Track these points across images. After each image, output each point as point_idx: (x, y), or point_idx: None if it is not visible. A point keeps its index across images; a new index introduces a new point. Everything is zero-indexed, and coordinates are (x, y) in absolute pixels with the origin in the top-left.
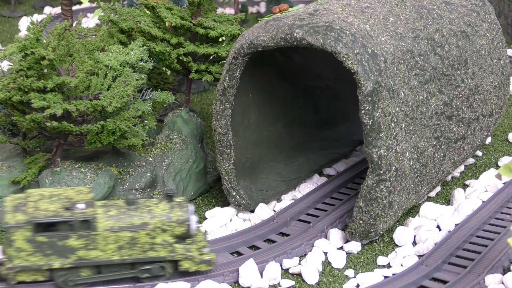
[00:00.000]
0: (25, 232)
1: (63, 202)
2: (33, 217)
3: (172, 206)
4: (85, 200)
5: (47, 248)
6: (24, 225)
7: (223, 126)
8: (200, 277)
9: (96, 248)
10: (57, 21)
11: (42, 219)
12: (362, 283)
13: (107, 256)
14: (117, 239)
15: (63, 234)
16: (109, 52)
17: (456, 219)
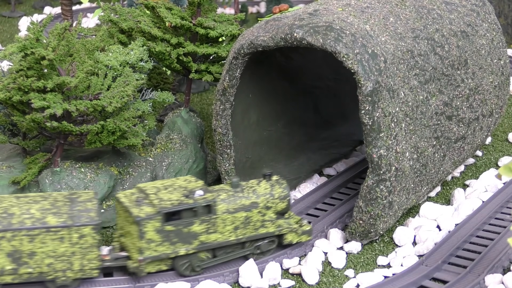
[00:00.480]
0: (155, 223)
1: (181, 191)
2: (162, 208)
3: (272, 185)
4: (197, 187)
5: (173, 236)
6: (154, 216)
7: (223, 126)
8: (200, 277)
9: (216, 231)
10: (57, 21)
11: (171, 208)
12: (362, 283)
13: (225, 237)
14: (233, 220)
15: (188, 221)
16: (109, 52)
17: (456, 219)
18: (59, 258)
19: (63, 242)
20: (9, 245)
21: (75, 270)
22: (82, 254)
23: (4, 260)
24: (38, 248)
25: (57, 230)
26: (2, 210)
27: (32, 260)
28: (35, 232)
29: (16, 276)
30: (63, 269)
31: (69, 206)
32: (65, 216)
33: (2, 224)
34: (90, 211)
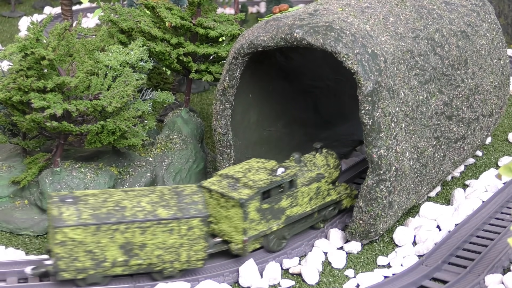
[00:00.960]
0: (256, 202)
1: (264, 171)
2: (259, 187)
3: (325, 156)
4: (274, 166)
5: (268, 214)
6: (254, 196)
7: (223, 126)
8: (200, 277)
9: (297, 204)
10: (57, 21)
11: (266, 187)
12: (362, 283)
13: (303, 209)
14: (309, 192)
15: (278, 197)
16: (109, 52)
17: (456, 219)
18: (168, 249)
19: (172, 234)
20: (122, 237)
21: (182, 261)
22: (190, 245)
23: (116, 252)
24: (149, 240)
25: (167, 222)
26: (114, 203)
27: (142, 252)
28: (147, 224)
29: (126, 267)
30: (171, 260)
31: (177, 199)
32: (175, 209)
33: (116, 216)
34: (197, 204)
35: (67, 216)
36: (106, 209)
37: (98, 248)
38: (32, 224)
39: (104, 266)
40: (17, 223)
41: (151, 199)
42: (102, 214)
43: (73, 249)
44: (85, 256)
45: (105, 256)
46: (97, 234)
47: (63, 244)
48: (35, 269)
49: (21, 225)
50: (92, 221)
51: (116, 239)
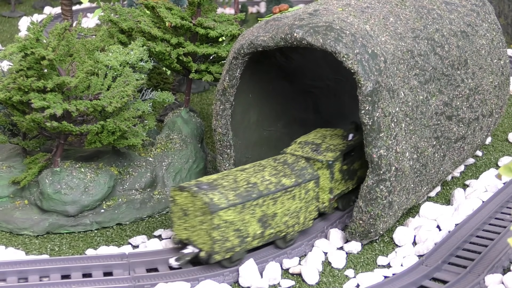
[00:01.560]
0: (339, 164)
1: (337, 137)
2: (341, 150)
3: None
4: (342, 133)
5: (346, 174)
6: (338, 158)
7: (223, 126)
8: (200, 277)
9: (363, 167)
10: (57, 21)
11: (346, 149)
12: (362, 283)
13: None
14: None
15: (352, 159)
16: (109, 52)
17: (456, 219)
18: (292, 214)
19: (294, 200)
20: (260, 211)
21: (300, 224)
22: (306, 207)
23: (256, 226)
24: (279, 209)
25: (291, 190)
26: (244, 182)
27: (273, 221)
28: (277, 194)
29: (261, 239)
30: (293, 225)
31: (289, 168)
32: (293, 176)
33: (254, 193)
34: (307, 168)
35: (218, 200)
36: (243, 188)
37: (243, 226)
38: (32, 224)
39: (247, 242)
40: (17, 223)
41: (270, 172)
42: (243, 193)
43: (225, 230)
44: (234, 235)
45: (247, 231)
46: (242, 212)
47: (218, 228)
48: (179, 260)
49: (21, 225)
50: (238, 200)
51: (256, 213)
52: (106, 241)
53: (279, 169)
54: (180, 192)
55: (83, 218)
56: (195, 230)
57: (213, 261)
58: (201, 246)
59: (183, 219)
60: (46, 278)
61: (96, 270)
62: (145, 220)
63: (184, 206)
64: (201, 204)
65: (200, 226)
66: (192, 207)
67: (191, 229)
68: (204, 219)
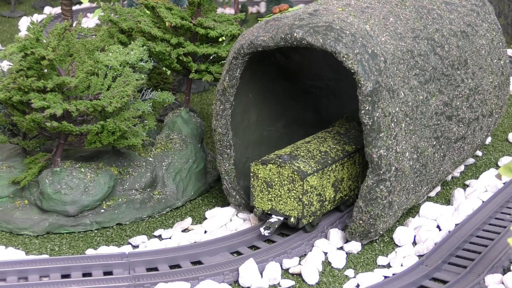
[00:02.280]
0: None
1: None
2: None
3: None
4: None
5: None
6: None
7: (223, 126)
8: (200, 276)
9: None
10: (57, 21)
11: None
12: (362, 283)
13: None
14: None
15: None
16: (109, 52)
17: (456, 219)
18: (354, 179)
19: (355, 165)
20: (333, 176)
21: (359, 187)
22: (358, 173)
23: (330, 190)
24: (345, 174)
25: (353, 155)
26: (317, 151)
27: (341, 186)
28: (344, 160)
29: (333, 203)
30: (353, 188)
31: (345, 136)
32: (352, 143)
33: (329, 159)
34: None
35: (304, 168)
36: (319, 156)
37: (322, 190)
38: (32, 224)
39: (325, 206)
40: (17, 223)
41: (333, 142)
42: (321, 160)
43: (311, 195)
44: (316, 199)
45: (325, 196)
46: (322, 178)
47: (307, 193)
48: (268, 229)
49: (21, 225)
50: (319, 167)
51: (331, 178)
52: (106, 241)
53: (338, 138)
54: (263, 166)
55: (83, 218)
56: (281, 200)
57: (301, 225)
58: (289, 213)
59: (267, 191)
60: (46, 277)
61: (96, 269)
62: (145, 220)
63: (267, 178)
64: (289, 172)
65: (288, 194)
66: (277, 178)
67: (277, 199)
68: (292, 186)
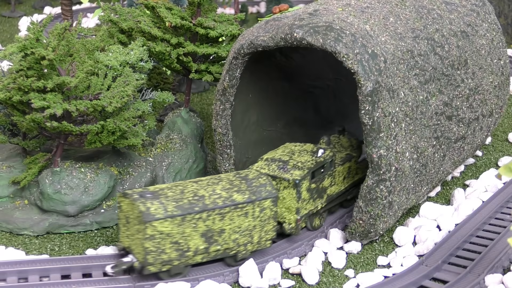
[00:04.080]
0: (307, 182)
1: (306, 153)
2: (309, 168)
3: (348, 138)
4: (314, 147)
5: (314, 193)
6: (306, 176)
7: (223, 126)
8: (200, 277)
9: (335, 183)
10: (57, 21)
11: (314, 167)
12: (362, 283)
13: (339, 188)
14: (343, 171)
15: (321, 177)
16: (109, 52)
17: (456, 219)
18: (243, 232)
19: (247, 217)
20: (204, 225)
21: (254, 243)
22: (261, 226)
23: (198, 241)
24: (227, 225)
25: (243, 206)
26: (191, 193)
27: (221, 238)
28: (225, 210)
29: (205, 255)
30: (245, 243)
31: (246, 183)
32: (248, 193)
33: (198, 206)
34: (266, 186)
35: (155, 210)
36: (187, 200)
37: (182, 239)
38: (32, 224)
39: (188, 256)
40: (17, 223)
41: (223, 186)
42: (185, 205)
43: (160, 242)
44: (171, 247)
45: (188, 245)
46: (182, 225)
47: (152, 238)
48: (115, 267)
49: (21, 225)
50: (178, 212)
51: (199, 227)
52: (106, 241)
53: (235, 184)
54: (124, 199)
55: (83, 218)
56: (134, 239)
57: (147, 273)
58: (137, 256)
59: (126, 227)
60: (46, 278)
61: (96, 270)
62: None
63: (126, 213)
64: (137, 212)
65: (137, 235)
66: (132, 215)
67: (132, 237)
68: (140, 228)
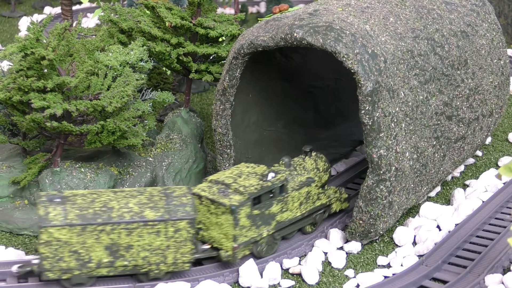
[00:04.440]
0: (246, 209)
1: (255, 176)
2: (251, 193)
3: (315, 159)
4: (265, 170)
5: (258, 219)
6: (245, 203)
7: (223, 126)
8: (200, 277)
9: (287, 209)
10: (57, 21)
11: (258, 192)
12: (362, 283)
13: (293, 214)
14: (299, 197)
15: (269, 203)
16: (109, 52)
17: (456, 219)
18: (154, 251)
19: (159, 236)
20: (108, 238)
21: (168, 264)
22: (176, 247)
23: (102, 253)
24: (135, 242)
25: (154, 224)
26: (101, 204)
27: (128, 253)
28: (133, 225)
29: (112, 268)
30: (157, 262)
31: (165, 201)
32: (162, 210)
33: (102, 217)
34: (185, 206)
35: (53, 216)
36: (93, 210)
37: (83, 249)
38: (32, 224)
39: (89, 267)
40: (17, 223)
41: (139, 200)
42: (89, 215)
43: (58, 249)
44: (70, 256)
45: (90, 257)
46: (82, 235)
47: (48, 244)
48: (21, 268)
49: (21, 225)
50: (78, 221)
51: (102, 240)
52: None
53: (154, 199)
54: (36, 200)
55: None
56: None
57: (46, 278)
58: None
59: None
60: None
61: None
62: None
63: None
64: (38, 217)
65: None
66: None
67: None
68: (39, 232)
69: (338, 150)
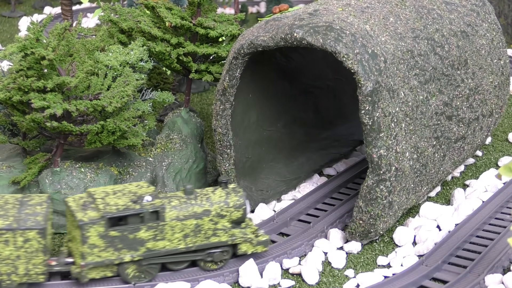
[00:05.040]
0: (99, 227)
1: (130, 197)
2: (106, 212)
3: (228, 193)
4: (147, 193)
5: (118, 242)
6: (98, 221)
7: (223, 126)
8: (200, 277)
9: (164, 238)
10: (57, 21)
11: (115, 213)
12: (362, 283)
13: (173, 245)
14: (183, 228)
15: (134, 226)
16: (109, 52)
17: (456, 219)
18: (4, 261)
19: (7, 245)
20: None
21: (20, 274)
22: (27, 258)
23: None
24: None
25: (1, 233)
26: None
27: None
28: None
29: None
30: (8, 273)
31: (18, 209)
32: (11, 219)
33: None
34: (37, 215)
35: None
36: None
37: None
38: None
39: None
40: None
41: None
42: None
43: None
44: None
45: None
46: None
47: None
48: None
49: None
50: None
51: None
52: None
53: (7, 207)
54: None
55: None
56: None
57: None
58: None
59: None
60: None
61: None
62: None
63: None
64: None
65: None
66: None
67: None
68: None
69: (338, 150)
